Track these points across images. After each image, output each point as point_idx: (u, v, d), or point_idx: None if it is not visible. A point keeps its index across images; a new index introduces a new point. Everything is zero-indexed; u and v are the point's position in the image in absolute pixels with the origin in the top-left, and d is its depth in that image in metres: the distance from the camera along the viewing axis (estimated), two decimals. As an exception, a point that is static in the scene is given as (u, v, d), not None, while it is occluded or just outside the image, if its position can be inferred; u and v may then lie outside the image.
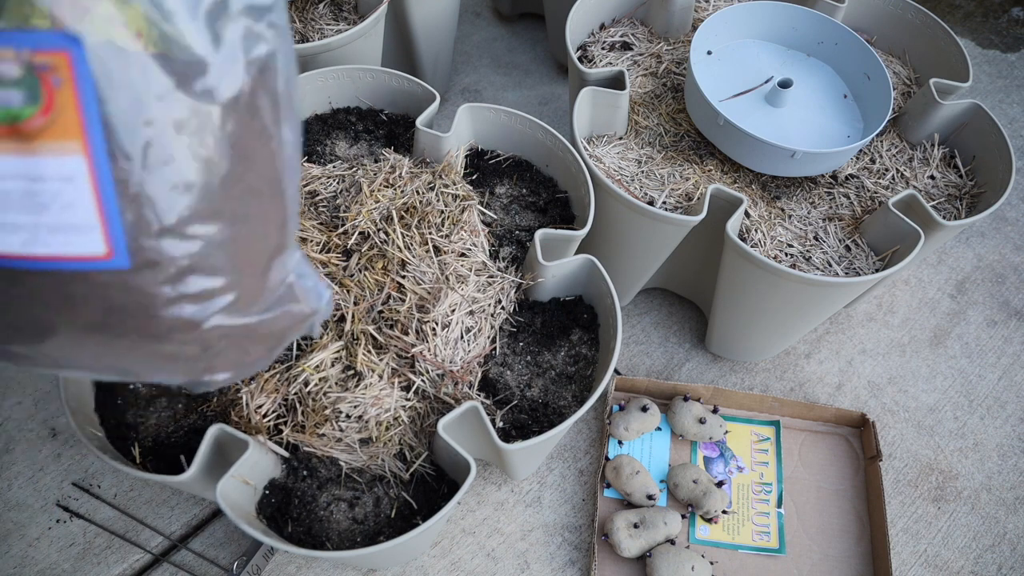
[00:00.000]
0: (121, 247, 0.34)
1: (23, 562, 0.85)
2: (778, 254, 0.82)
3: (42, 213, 0.33)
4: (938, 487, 0.96)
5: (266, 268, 0.41)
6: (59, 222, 0.33)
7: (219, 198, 0.36)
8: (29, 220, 0.33)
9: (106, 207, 0.33)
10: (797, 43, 0.97)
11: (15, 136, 0.31)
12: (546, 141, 0.87)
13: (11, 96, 0.31)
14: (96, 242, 0.34)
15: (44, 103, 0.32)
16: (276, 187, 0.40)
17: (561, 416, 0.73)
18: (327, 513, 0.68)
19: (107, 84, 0.32)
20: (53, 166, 0.32)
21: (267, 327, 0.43)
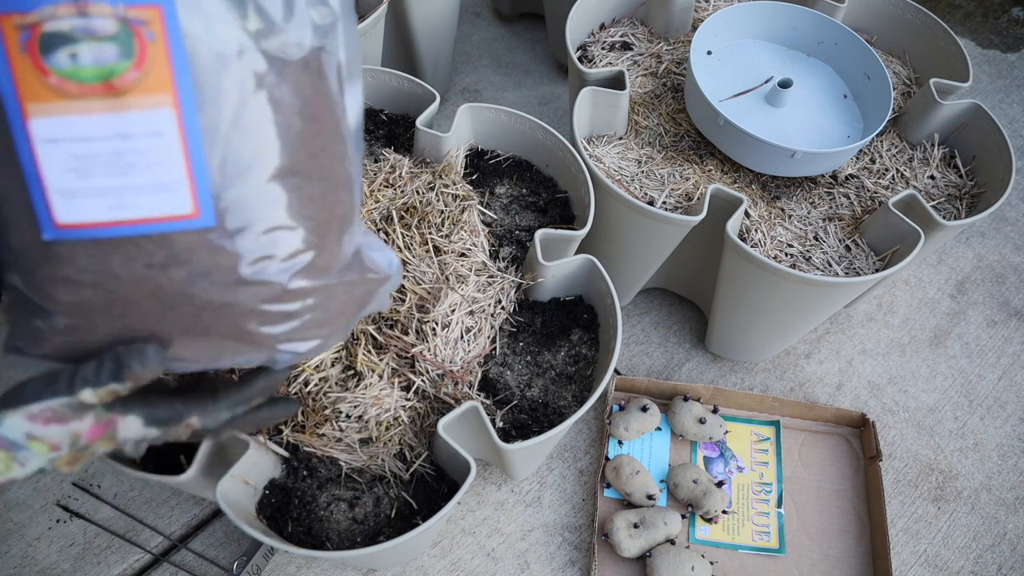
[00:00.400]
0: (207, 204, 0.35)
1: (23, 562, 0.85)
2: (778, 254, 0.82)
3: (129, 173, 0.33)
4: (938, 487, 0.96)
5: (339, 232, 0.42)
6: (147, 181, 0.34)
7: (294, 156, 0.38)
8: (116, 183, 0.33)
9: (194, 161, 0.34)
10: (797, 43, 0.97)
11: (107, 93, 0.32)
12: (546, 141, 0.87)
13: (107, 51, 0.32)
14: (183, 200, 0.34)
15: (137, 57, 0.32)
16: (343, 152, 0.41)
17: (561, 416, 0.73)
18: (327, 513, 0.68)
19: (194, 39, 0.33)
20: (143, 121, 0.33)
21: (346, 292, 0.43)
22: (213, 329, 0.39)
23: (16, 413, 0.37)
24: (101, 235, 0.35)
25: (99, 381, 0.37)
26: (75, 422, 0.38)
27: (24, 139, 0.33)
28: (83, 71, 0.32)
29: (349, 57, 0.40)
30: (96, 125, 0.33)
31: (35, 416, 0.37)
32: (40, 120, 0.32)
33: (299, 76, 0.37)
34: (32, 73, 0.32)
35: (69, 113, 0.32)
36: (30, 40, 0.31)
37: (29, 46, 0.31)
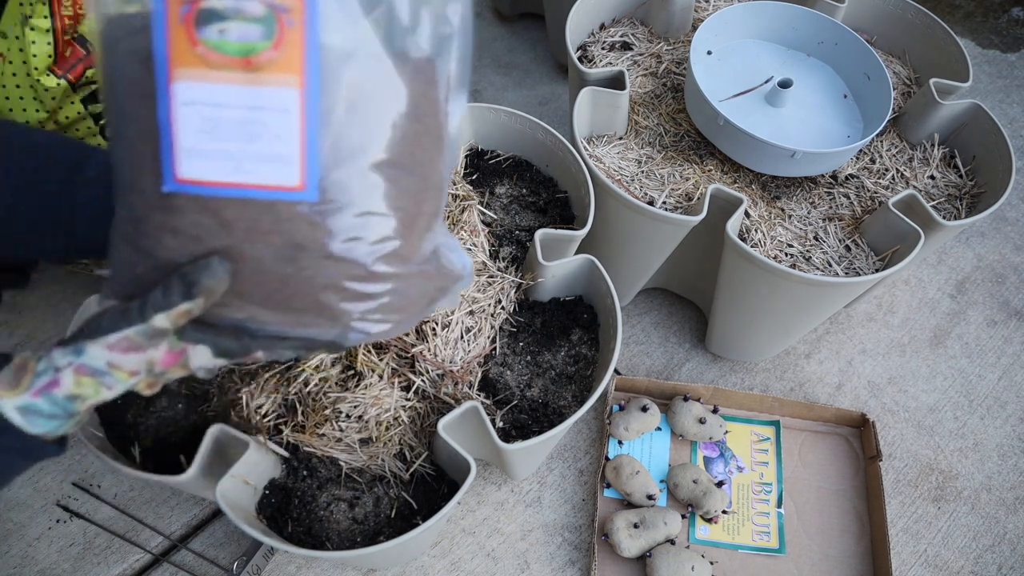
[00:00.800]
0: (313, 180, 0.38)
1: (23, 562, 0.85)
2: (778, 254, 0.82)
3: (251, 141, 0.37)
4: (938, 487, 0.96)
5: (424, 227, 0.45)
6: (265, 151, 0.37)
7: (397, 150, 0.41)
8: (237, 148, 0.37)
9: (309, 140, 0.38)
10: (797, 43, 0.97)
11: (245, 67, 0.36)
12: (546, 141, 0.87)
13: (251, 31, 0.36)
14: (293, 173, 0.38)
15: (276, 39, 0.36)
16: (439, 155, 0.44)
17: (561, 416, 0.73)
18: (327, 513, 0.68)
19: (327, 30, 0.37)
20: (271, 97, 0.37)
21: (421, 283, 0.45)
22: (296, 298, 0.42)
23: (96, 343, 0.41)
24: (214, 193, 0.38)
25: (169, 303, 0.40)
26: (150, 350, 0.41)
27: (166, 98, 0.36)
28: (228, 45, 0.36)
29: (459, 70, 0.44)
30: (230, 94, 0.36)
31: (113, 345, 0.41)
32: (183, 84, 0.36)
33: (413, 79, 0.41)
34: (184, 42, 0.36)
35: (209, 81, 0.36)
36: (189, 13, 0.35)
37: (187, 18, 0.35)
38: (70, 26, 0.75)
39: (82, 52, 0.75)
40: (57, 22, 0.73)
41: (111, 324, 0.41)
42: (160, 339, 0.41)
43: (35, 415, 0.42)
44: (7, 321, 1.02)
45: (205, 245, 0.39)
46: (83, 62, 0.75)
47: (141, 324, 0.40)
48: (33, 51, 0.72)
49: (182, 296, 0.40)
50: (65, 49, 0.74)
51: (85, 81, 0.76)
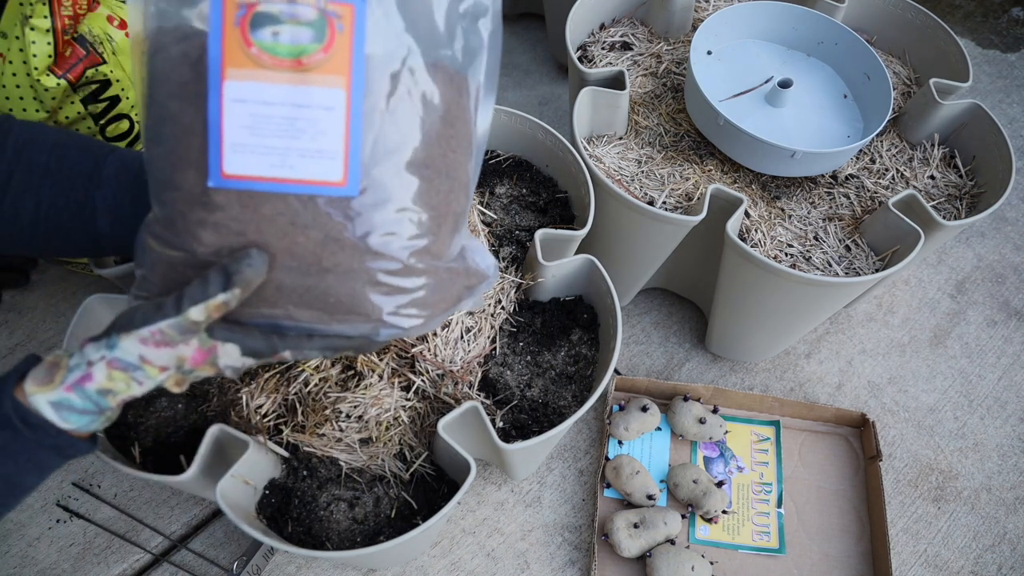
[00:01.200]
0: (355, 176, 0.40)
1: (23, 562, 0.85)
2: (778, 254, 0.82)
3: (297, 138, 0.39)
4: (938, 487, 0.96)
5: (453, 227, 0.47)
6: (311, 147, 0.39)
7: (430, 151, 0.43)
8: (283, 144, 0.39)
9: (352, 137, 0.40)
10: (797, 43, 0.97)
11: (295, 68, 0.38)
12: (546, 141, 0.87)
13: (303, 34, 0.38)
14: (336, 169, 0.40)
15: (326, 43, 0.39)
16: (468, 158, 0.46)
17: (561, 416, 0.73)
18: (327, 513, 0.68)
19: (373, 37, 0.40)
20: (319, 96, 0.39)
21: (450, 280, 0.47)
22: (332, 291, 0.43)
23: (129, 336, 0.41)
24: (258, 188, 0.40)
25: (207, 294, 0.40)
26: (181, 346, 0.42)
27: (217, 96, 0.38)
28: (280, 47, 0.38)
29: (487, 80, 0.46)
30: (279, 93, 0.39)
31: (146, 339, 0.41)
32: (234, 82, 0.38)
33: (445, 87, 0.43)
34: (238, 43, 0.38)
35: (260, 80, 0.38)
36: (245, 16, 0.38)
37: (242, 21, 0.38)
38: (70, 26, 0.75)
39: (82, 52, 0.75)
40: (57, 22, 0.73)
41: (144, 317, 0.41)
42: (192, 335, 0.42)
43: (68, 410, 0.43)
44: (7, 321, 1.02)
45: (245, 239, 0.41)
46: (83, 62, 0.75)
47: (176, 317, 0.41)
48: (33, 51, 0.72)
49: (220, 287, 0.40)
50: (65, 49, 0.74)
51: (85, 81, 0.76)
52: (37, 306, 1.04)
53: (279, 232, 0.41)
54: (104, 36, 0.77)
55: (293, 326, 0.44)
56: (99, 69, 0.77)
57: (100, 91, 0.79)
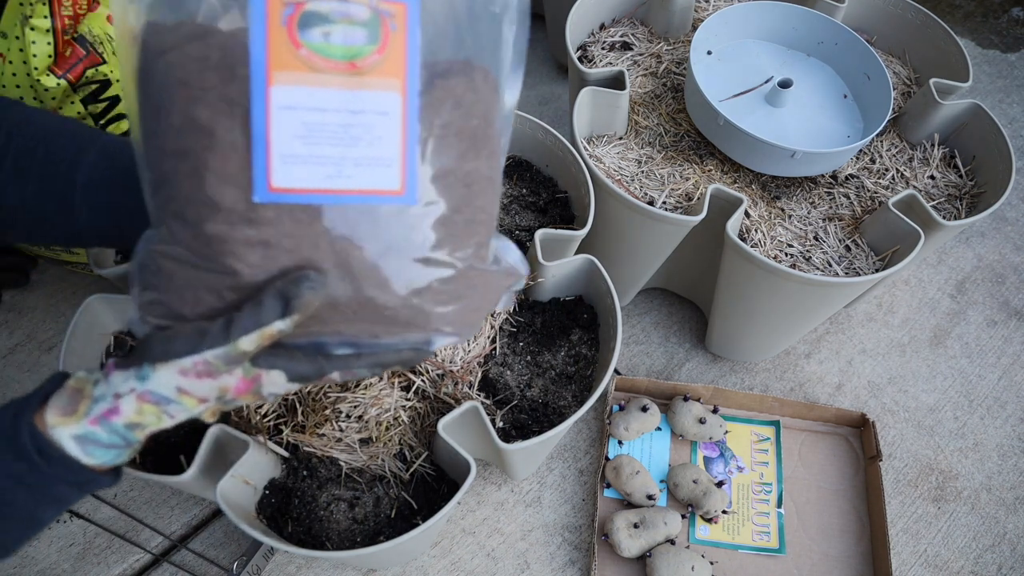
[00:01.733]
0: (412, 183, 0.38)
1: (23, 562, 0.85)
2: (778, 254, 0.82)
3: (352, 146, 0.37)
4: (938, 487, 0.96)
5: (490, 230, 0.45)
6: (366, 155, 0.37)
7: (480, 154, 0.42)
8: (338, 153, 0.37)
9: (409, 143, 0.38)
10: (797, 43, 0.97)
11: (349, 71, 0.36)
12: (546, 141, 0.87)
13: (357, 34, 0.36)
14: (394, 177, 0.38)
15: (381, 43, 0.36)
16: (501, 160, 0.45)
17: (561, 416, 0.73)
18: (327, 513, 0.68)
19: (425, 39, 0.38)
20: (374, 100, 0.37)
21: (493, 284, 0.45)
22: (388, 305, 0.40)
23: (168, 367, 0.38)
24: (311, 201, 0.37)
25: (261, 322, 0.37)
26: (224, 376, 0.39)
27: (262, 104, 0.35)
28: (333, 48, 0.35)
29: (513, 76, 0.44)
30: (332, 98, 0.36)
31: (187, 371, 0.38)
32: (283, 87, 0.35)
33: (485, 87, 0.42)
34: (286, 44, 0.35)
35: (311, 84, 0.35)
36: (292, 15, 0.35)
37: (290, 20, 0.35)
38: (70, 26, 0.75)
39: (82, 52, 0.75)
40: (57, 22, 0.73)
41: (187, 346, 0.37)
42: (237, 364, 0.39)
43: (93, 444, 0.39)
44: (7, 321, 1.02)
45: (298, 257, 0.38)
46: (83, 62, 0.75)
47: (224, 346, 0.37)
48: (33, 51, 0.72)
49: (277, 314, 0.37)
50: (65, 49, 0.74)
51: (85, 81, 0.76)
52: (37, 306, 1.04)
53: (335, 247, 0.38)
54: (104, 36, 0.77)
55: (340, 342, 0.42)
56: (99, 69, 0.77)
57: (100, 91, 0.79)
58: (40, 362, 0.99)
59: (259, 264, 0.38)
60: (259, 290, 0.38)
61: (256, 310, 0.37)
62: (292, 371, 0.40)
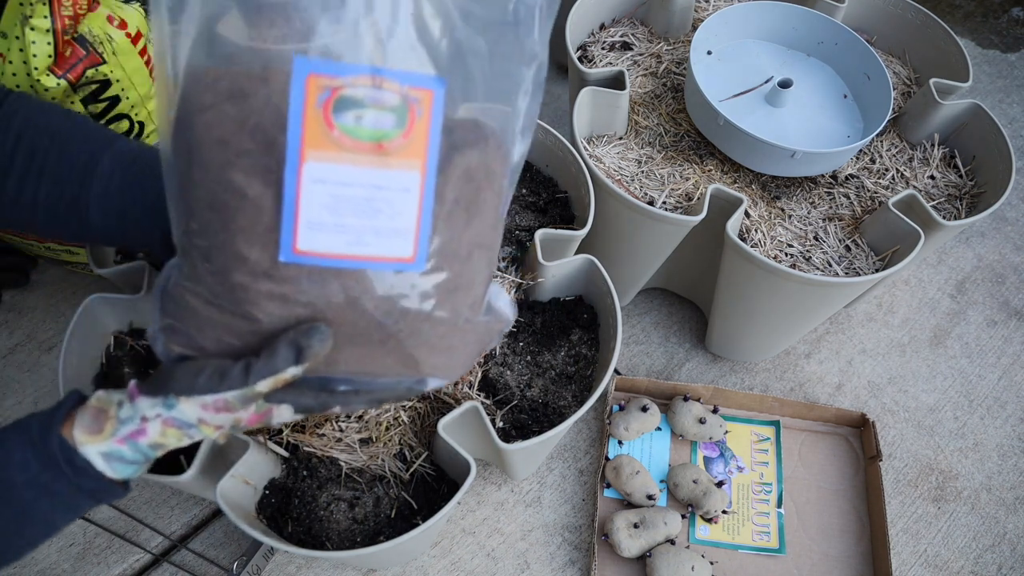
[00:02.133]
0: (423, 252, 0.42)
1: (23, 562, 0.85)
2: (778, 254, 0.82)
3: (373, 218, 0.40)
4: (938, 487, 0.96)
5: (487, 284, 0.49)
6: (385, 226, 0.40)
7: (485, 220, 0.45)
8: (359, 223, 0.40)
9: (424, 216, 0.41)
10: (797, 43, 0.97)
11: (376, 151, 0.39)
12: (546, 141, 0.87)
13: (386, 119, 0.39)
14: (407, 246, 0.41)
15: (407, 128, 0.39)
16: (499, 231, 0.48)
17: (561, 416, 0.73)
18: (327, 513, 0.68)
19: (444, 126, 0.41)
20: (397, 178, 0.40)
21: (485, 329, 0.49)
22: (391, 354, 0.44)
23: (191, 401, 0.42)
24: (330, 264, 0.40)
25: (275, 369, 0.41)
26: (240, 412, 0.43)
27: (295, 176, 0.38)
28: (362, 131, 0.38)
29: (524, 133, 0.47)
30: (359, 175, 0.39)
31: (208, 406, 0.42)
32: (314, 164, 0.38)
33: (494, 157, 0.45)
34: (320, 125, 0.38)
35: (340, 162, 0.39)
36: (329, 99, 0.38)
37: (326, 103, 0.38)
38: (70, 26, 0.75)
39: (82, 52, 0.75)
40: (57, 22, 0.73)
41: (209, 385, 0.41)
42: (252, 403, 0.43)
43: (117, 460, 0.43)
44: (7, 321, 1.02)
45: (313, 311, 0.41)
46: (83, 62, 0.75)
47: (243, 389, 0.41)
48: (33, 51, 0.72)
49: (290, 362, 0.41)
50: (65, 49, 0.74)
51: (85, 81, 0.76)
52: (37, 306, 1.04)
53: (347, 304, 0.41)
54: (104, 36, 0.77)
55: (344, 379, 0.45)
56: (99, 69, 0.77)
57: (100, 91, 0.79)
58: (40, 362, 0.99)
59: (277, 314, 0.41)
60: (275, 337, 0.42)
61: (272, 358, 0.41)
62: (299, 404, 0.44)
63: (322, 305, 0.41)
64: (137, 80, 0.82)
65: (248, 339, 0.42)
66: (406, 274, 0.42)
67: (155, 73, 0.41)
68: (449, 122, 0.42)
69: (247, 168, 0.39)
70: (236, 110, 0.39)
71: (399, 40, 0.39)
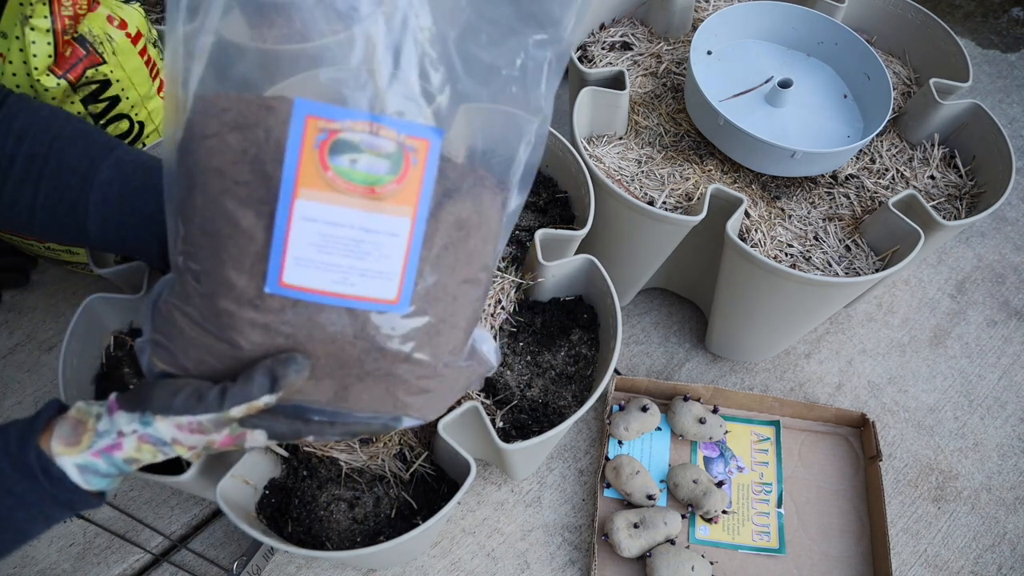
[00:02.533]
0: (407, 295, 0.42)
1: (23, 562, 0.85)
2: (778, 254, 0.82)
3: (362, 259, 0.40)
4: (938, 487, 0.96)
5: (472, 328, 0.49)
6: (371, 268, 0.41)
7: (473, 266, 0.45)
8: (346, 263, 0.40)
9: (411, 260, 0.41)
10: (797, 43, 0.97)
11: (368, 195, 0.39)
12: (546, 141, 0.87)
13: (380, 165, 0.39)
14: (391, 289, 0.41)
15: (400, 175, 0.40)
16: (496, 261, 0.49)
17: (561, 416, 0.73)
18: (327, 513, 0.68)
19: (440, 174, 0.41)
20: (386, 223, 0.40)
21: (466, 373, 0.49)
22: (367, 390, 0.45)
23: (167, 420, 0.42)
24: (314, 299, 0.41)
25: (250, 395, 0.41)
26: (213, 434, 0.43)
27: (287, 211, 0.39)
28: (356, 174, 0.39)
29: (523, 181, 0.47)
30: (349, 216, 0.39)
31: (183, 427, 0.42)
32: (306, 202, 0.39)
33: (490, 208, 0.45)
34: (315, 165, 0.38)
35: (332, 203, 0.39)
36: (326, 141, 0.38)
37: (323, 145, 0.38)
38: (70, 26, 0.75)
39: (82, 52, 0.75)
40: (57, 22, 0.73)
41: (185, 407, 0.42)
42: (226, 427, 0.43)
43: (92, 473, 0.44)
44: (7, 321, 1.02)
45: (293, 342, 0.42)
46: (83, 62, 0.75)
47: (217, 413, 0.42)
48: (33, 51, 0.72)
49: (265, 390, 0.41)
50: (65, 49, 0.74)
51: (85, 81, 0.76)
52: (37, 306, 1.04)
53: (328, 339, 0.42)
54: (104, 36, 0.77)
55: (319, 410, 0.45)
56: (99, 69, 0.77)
57: (100, 91, 0.79)
58: (40, 362, 0.99)
59: (259, 343, 0.42)
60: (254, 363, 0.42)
61: (247, 385, 0.41)
62: (272, 431, 0.45)
63: (303, 337, 0.42)
64: (137, 80, 0.82)
65: (229, 363, 0.43)
66: (388, 315, 0.42)
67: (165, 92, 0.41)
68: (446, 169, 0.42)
69: (242, 198, 0.39)
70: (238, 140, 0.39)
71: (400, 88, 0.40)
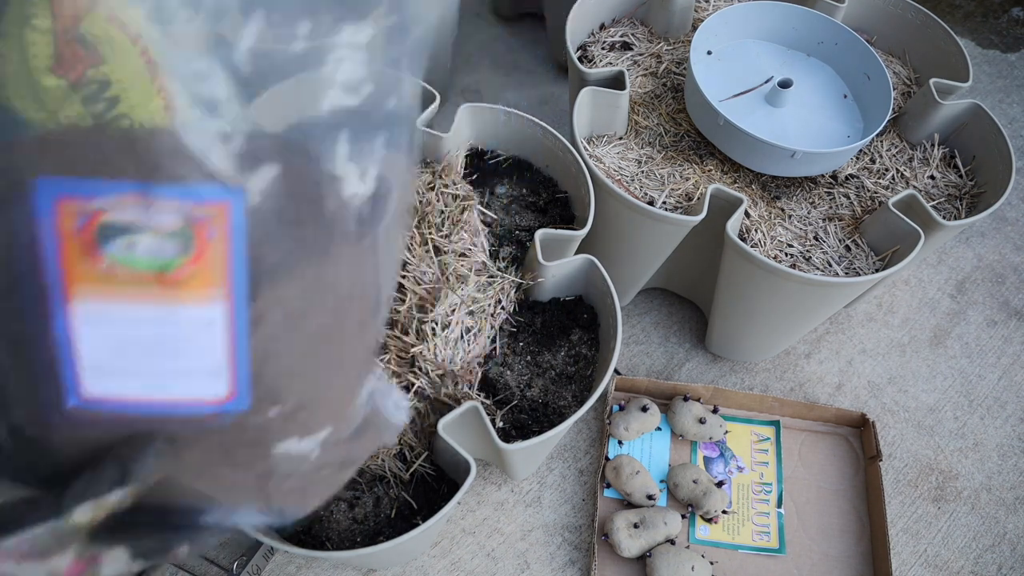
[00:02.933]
0: (243, 388, 0.34)
1: (23, 562, 0.84)
2: (778, 254, 0.82)
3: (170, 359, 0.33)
4: (938, 487, 0.96)
5: (353, 397, 0.41)
6: (187, 367, 0.33)
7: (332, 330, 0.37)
8: (156, 365, 0.33)
9: (238, 350, 0.34)
10: (797, 43, 0.97)
11: (160, 283, 0.32)
12: (546, 141, 0.87)
13: (165, 246, 0.32)
14: (221, 385, 0.34)
15: (195, 253, 0.32)
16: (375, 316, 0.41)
17: (561, 416, 0.73)
18: (327, 513, 0.68)
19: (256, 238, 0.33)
20: (192, 313, 0.32)
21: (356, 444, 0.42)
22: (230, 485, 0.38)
23: None
24: (130, 410, 0.34)
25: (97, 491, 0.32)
26: (55, 557, 0.32)
27: (62, 317, 0.32)
28: (138, 260, 0.32)
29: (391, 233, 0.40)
30: (143, 312, 0.32)
31: (9, 552, 0.31)
32: (84, 303, 0.32)
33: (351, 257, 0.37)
34: (82, 257, 0.31)
35: (116, 299, 0.32)
36: (88, 225, 0.31)
37: (85, 230, 0.31)
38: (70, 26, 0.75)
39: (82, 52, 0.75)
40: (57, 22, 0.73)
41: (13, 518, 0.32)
42: (71, 541, 0.33)
43: None
44: (7, 321, 1.02)
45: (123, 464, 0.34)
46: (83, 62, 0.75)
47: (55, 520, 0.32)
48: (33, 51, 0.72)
49: (115, 484, 0.33)
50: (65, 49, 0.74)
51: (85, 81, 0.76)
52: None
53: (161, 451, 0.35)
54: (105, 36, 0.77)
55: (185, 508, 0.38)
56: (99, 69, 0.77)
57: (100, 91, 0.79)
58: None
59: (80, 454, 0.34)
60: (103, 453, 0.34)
61: (93, 477, 0.33)
62: (137, 547, 0.36)
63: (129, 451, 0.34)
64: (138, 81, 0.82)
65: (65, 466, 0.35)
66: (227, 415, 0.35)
67: None
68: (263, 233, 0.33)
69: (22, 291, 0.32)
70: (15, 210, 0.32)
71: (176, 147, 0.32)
